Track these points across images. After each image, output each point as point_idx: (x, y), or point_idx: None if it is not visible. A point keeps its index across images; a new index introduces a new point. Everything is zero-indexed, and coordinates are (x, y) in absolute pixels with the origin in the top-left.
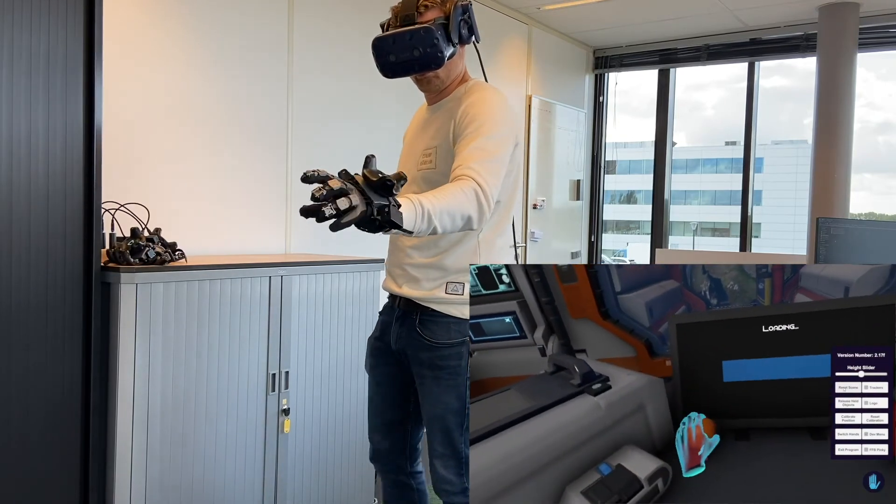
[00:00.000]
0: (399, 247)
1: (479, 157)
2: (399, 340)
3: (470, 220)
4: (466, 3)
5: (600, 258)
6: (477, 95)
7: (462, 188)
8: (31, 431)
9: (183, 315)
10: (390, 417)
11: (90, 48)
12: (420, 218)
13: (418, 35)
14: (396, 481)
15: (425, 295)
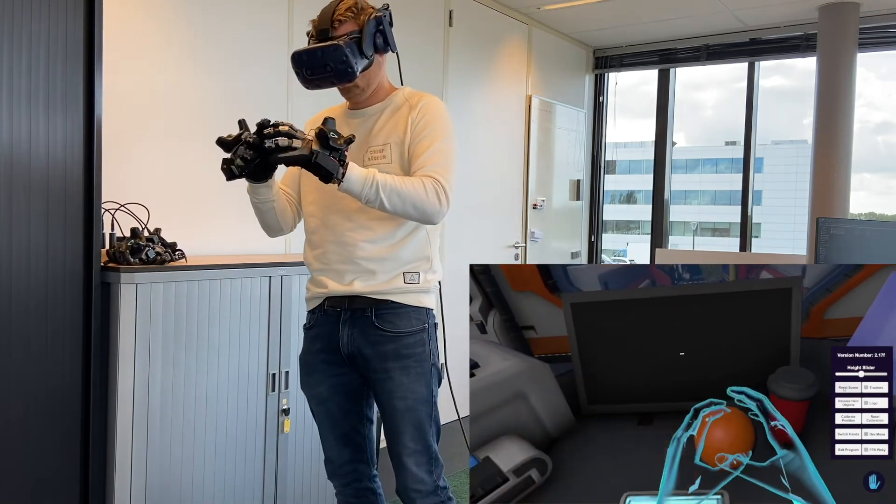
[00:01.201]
0: (346, 242)
1: (438, 159)
2: (352, 342)
3: (426, 213)
4: (381, 15)
5: (600, 258)
6: (428, 104)
7: (423, 182)
8: (31, 431)
9: (183, 315)
10: (346, 427)
11: (90, 48)
12: (369, 185)
13: (329, 52)
14: (360, 489)
15: (382, 288)
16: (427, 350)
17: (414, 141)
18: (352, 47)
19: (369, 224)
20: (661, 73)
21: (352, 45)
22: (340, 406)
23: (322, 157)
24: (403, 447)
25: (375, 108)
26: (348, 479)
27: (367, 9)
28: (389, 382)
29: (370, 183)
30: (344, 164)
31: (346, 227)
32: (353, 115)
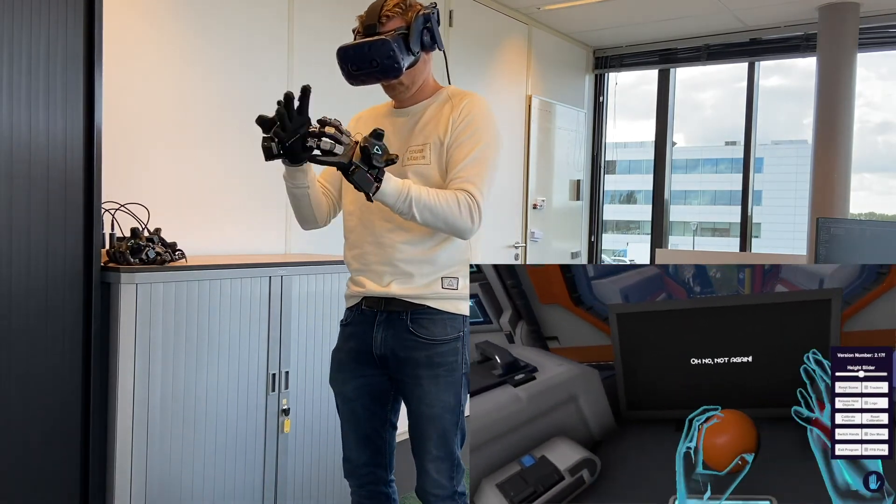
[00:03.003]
0: (384, 243)
1: (475, 169)
2: (385, 344)
3: (457, 230)
4: (428, 13)
5: (600, 258)
6: (470, 105)
7: (457, 198)
8: (31, 431)
9: (183, 315)
10: (367, 431)
11: (90, 48)
12: (403, 199)
13: (375, 47)
14: (375, 492)
15: (419, 292)
16: (459, 359)
17: (454, 144)
18: (399, 43)
19: (407, 226)
20: (661, 73)
21: (399, 41)
22: (365, 407)
23: (359, 173)
24: (426, 452)
25: (419, 106)
26: (364, 480)
27: (416, 5)
28: (418, 389)
29: (404, 197)
30: (380, 180)
31: (385, 227)
32: (398, 113)
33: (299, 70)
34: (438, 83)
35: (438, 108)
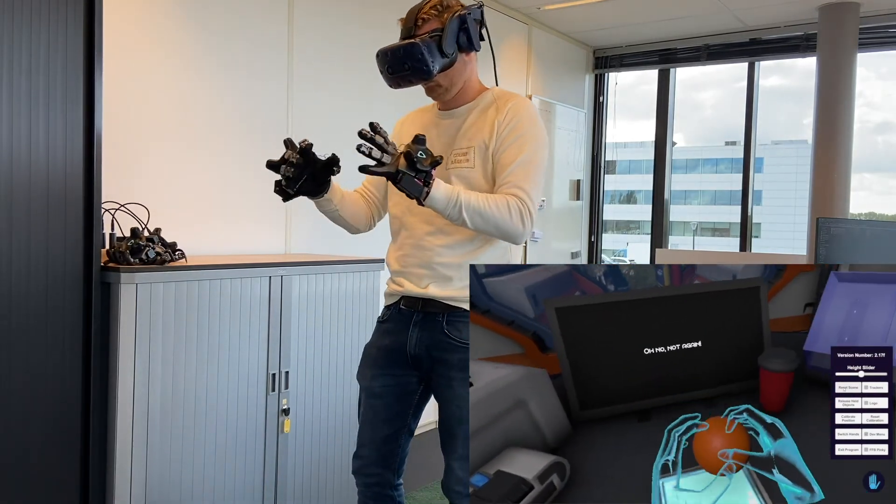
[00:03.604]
0: (424, 246)
1: (524, 173)
2: (420, 345)
3: (509, 235)
4: (465, 13)
5: (600, 258)
6: (515, 107)
7: (508, 203)
8: (31, 431)
9: (183, 315)
10: (386, 431)
11: (90, 48)
12: (452, 204)
13: (406, 49)
14: (381, 494)
15: (456, 294)
16: None
17: (500, 148)
18: (429, 45)
19: (447, 229)
20: (661, 73)
21: (430, 44)
22: (388, 407)
23: (407, 179)
24: (454, 451)
25: (464, 108)
26: (371, 480)
27: (454, 6)
28: (449, 391)
29: (454, 202)
30: (429, 185)
31: (425, 230)
32: (444, 115)
33: (299, 70)
34: (484, 85)
35: (483, 111)
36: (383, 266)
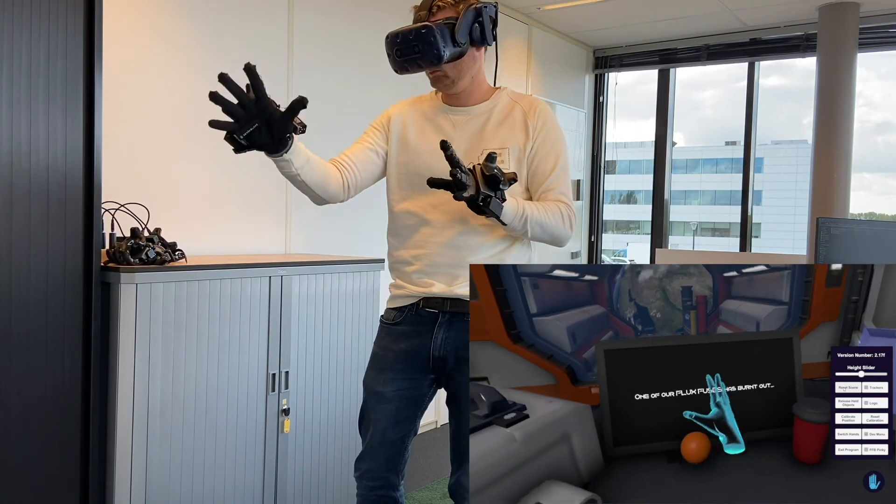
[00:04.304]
0: (457, 245)
1: (565, 179)
2: (445, 345)
3: (559, 240)
4: (480, 7)
5: (600, 258)
6: (544, 112)
7: (561, 212)
8: (31, 431)
9: (183, 315)
10: (394, 436)
11: (90, 48)
12: (519, 218)
13: (419, 33)
14: (384, 497)
15: None
16: None
17: (538, 154)
18: (443, 31)
19: (481, 229)
20: (661, 73)
21: (443, 30)
22: (400, 411)
23: (494, 203)
24: (464, 454)
25: (482, 107)
26: (376, 483)
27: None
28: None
29: (520, 216)
30: (503, 200)
31: (457, 230)
32: (454, 111)
33: (299, 70)
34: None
35: (507, 111)
36: (383, 266)
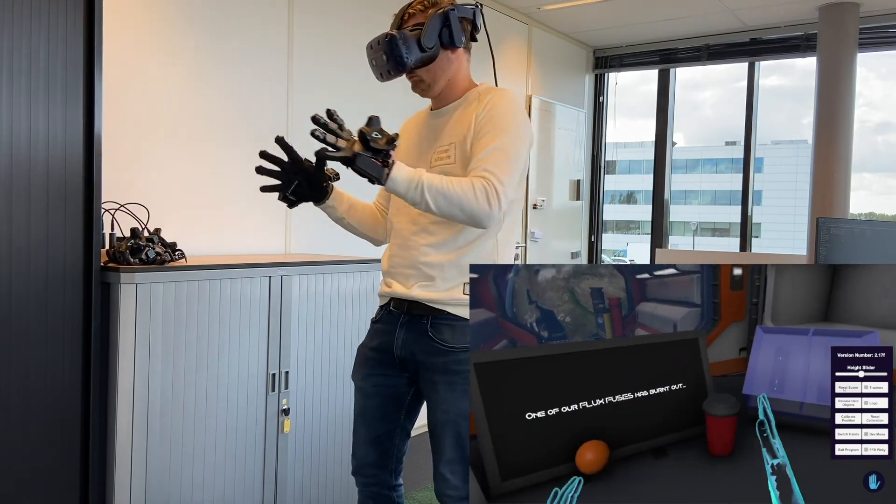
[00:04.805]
0: (410, 245)
1: (497, 157)
2: (406, 347)
3: (475, 217)
4: (448, 11)
5: (600, 258)
6: (493, 98)
7: (473, 184)
8: (31, 431)
9: (183, 315)
10: (379, 431)
11: (90, 48)
12: (414, 185)
13: (382, 42)
14: (379, 495)
15: (440, 297)
16: None
17: (475, 138)
18: (406, 38)
19: (431, 228)
20: (661, 73)
21: (406, 36)
22: (380, 407)
23: (362, 159)
24: (441, 455)
25: (451, 106)
26: (368, 480)
27: (442, 3)
28: (435, 394)
29: (416, 184)
30: (389, 165)
31: (410, 230)
32: (435, 114)
33: (299, 70)
34: (475, 82)
35: (466, 107)
36: None
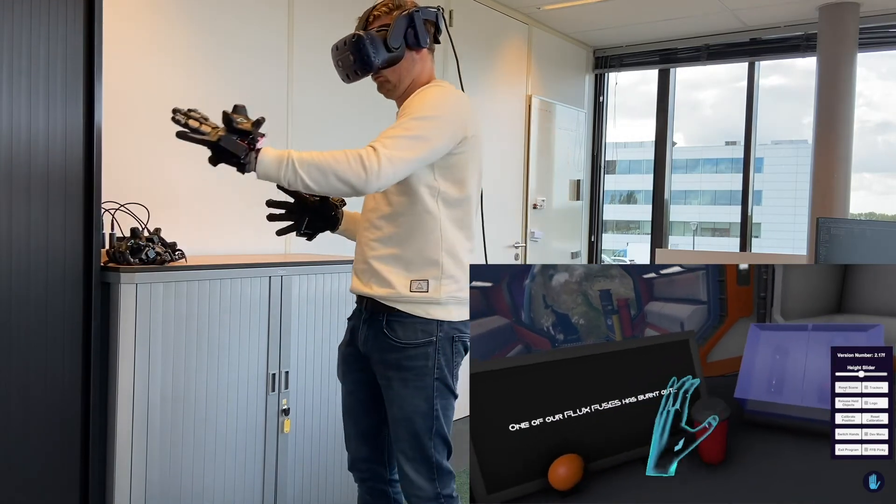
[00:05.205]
0: (363, 241)
1: (393, 132)
2: (366, 343)
3: (352, 184)
4: (412, 12)
5: (600, 258)
6: (421, 91)
7: (347, 152)
8: (31, 431)
9: (183, 315)
10: (366, 425)
11: (90, 48)
12: (285, 164)
13: (350, 42)
14: (374, 489)
15: (391, 294)
16: (430, 364)
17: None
18: (373, 38)
19: (377, 222)
20: (661, 73)
21: (373, 37)
22: (363, 402)
23: (225, 139)
24: (402, 453)
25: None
26: (364, 475)
27: (406, 5)
28: (389, 391)
29: (286, 162)
30: (255, 150)
31: (363, 226)
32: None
33: (299, 70)
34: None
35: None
36: None
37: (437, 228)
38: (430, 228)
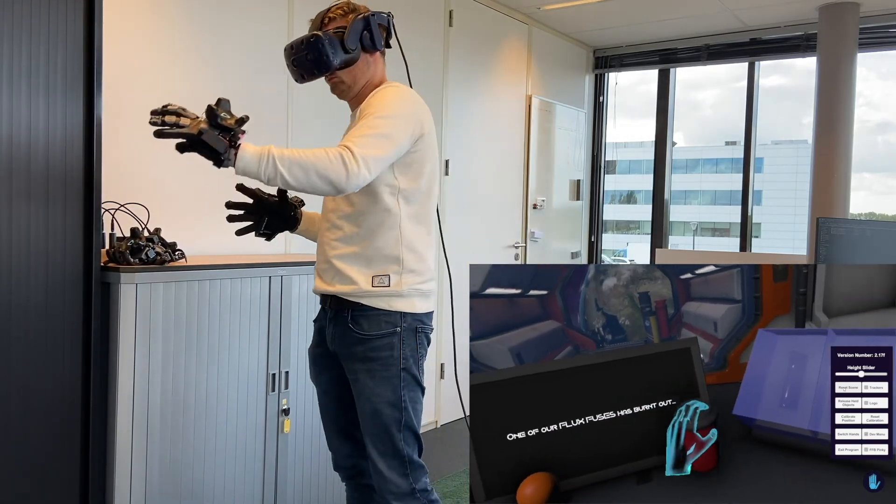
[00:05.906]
0: (325, 241)
1: (361, 132)
2: (334, 341)
3: (334, 182)
4: (368, 16)
5: (600, 258)
6: (378, 91)
7: (327, 150)
8: (31, 431)
9: (183, 315)
10: (344, 422)
11: (90, 47)
12: (265, 161)
13: (308, 42)
14: (361, 485)
15: (354, 290)
16: (396, 354)
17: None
18: (331, 39)
19: (338, 222)
20: (661, 73)
21: (332, 38)
22: (339, 399)
23: (208, 134)
24: (373, 447)
25: (360, 107)
26: (349, 472)
27: (361, 9)
28: (357, 384)
29: (266, 159)
30: (236, 146)
31: (324, 227)
32: (350, 117)
33: None
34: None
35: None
36: None
37: (397, 226)
38: (390, 226)
